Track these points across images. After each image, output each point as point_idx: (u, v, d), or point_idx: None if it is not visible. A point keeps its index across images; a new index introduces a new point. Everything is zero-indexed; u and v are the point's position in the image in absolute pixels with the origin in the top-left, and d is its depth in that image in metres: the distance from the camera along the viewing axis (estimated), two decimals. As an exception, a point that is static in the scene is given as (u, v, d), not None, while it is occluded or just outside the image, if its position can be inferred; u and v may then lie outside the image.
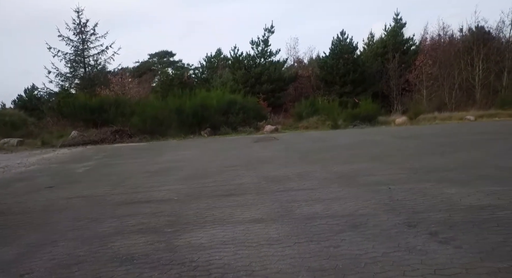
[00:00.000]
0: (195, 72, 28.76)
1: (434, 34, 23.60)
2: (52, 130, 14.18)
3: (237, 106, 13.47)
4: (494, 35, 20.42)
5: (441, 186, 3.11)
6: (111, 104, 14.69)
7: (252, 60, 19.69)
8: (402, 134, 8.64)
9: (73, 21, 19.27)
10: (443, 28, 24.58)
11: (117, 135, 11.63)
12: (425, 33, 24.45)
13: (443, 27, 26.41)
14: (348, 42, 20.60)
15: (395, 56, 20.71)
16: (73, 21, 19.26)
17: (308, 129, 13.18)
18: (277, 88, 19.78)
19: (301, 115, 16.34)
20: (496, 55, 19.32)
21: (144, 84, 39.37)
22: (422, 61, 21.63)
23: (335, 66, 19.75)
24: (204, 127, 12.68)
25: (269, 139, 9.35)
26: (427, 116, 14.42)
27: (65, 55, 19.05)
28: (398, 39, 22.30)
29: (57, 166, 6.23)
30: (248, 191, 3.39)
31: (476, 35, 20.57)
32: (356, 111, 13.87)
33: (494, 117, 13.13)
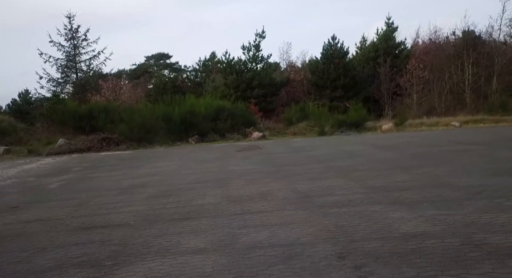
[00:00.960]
0: (189, 76, 28.80)
1: (426, 38, 23.80)
2: (41, 137, 14.20)
3: (226, 113, 13.54)
4: (484, 39, 20.59)
5: (389, 209, 3.18)
6: (100, 111, 14.74)
7: (243, 65, 19.78)
8: (383, 143, 8.73)
9: (65, 26, 19.35)
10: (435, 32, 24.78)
11: (104, 143, 11.68)
12: (417, 37, 24.64)
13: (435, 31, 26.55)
14: (339, 47, 20.73)
15: (387, 60, 20.86)
16: (64, 26, 19.34)
17: (296, 136, 13.25)
18: (269, 93, 19.87)
19: (291, 121, 16.42)
20: (486, 60, 19.48)
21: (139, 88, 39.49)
22: (413, 65, 21.80)
23: (326, 71, 19.87)
24: (192, 135, 12.74)
25: (253, 148, 9.43)
26: (414, 122, 14.52)
27: (57, 60, 19.12)
28: (390, 44, 22.45)
29: (34, 179, 6.28)
30: (205, 214, 3.45)
31: (466, 40, 20.74)
32: (343, 117, 13.95)
33: (480, 123, 13.23)
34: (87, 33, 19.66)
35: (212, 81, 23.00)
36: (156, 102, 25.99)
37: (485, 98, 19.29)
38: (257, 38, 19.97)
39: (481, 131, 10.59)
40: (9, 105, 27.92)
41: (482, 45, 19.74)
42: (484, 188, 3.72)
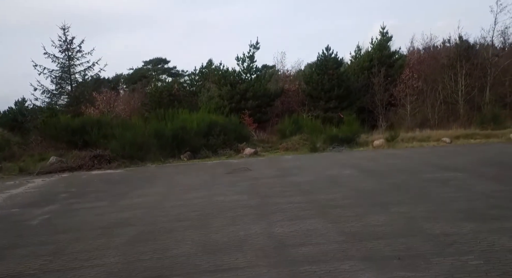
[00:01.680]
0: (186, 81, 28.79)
1: (420, 47, 23.93)
2: (34, 152, 14.22)
3: (218, 129, 13.57)
4: (477, 50, 20.69)
5: (359, 268, 3.20)
6: (93, 125, 14.77)
7: (238, 76, 19.83)
8: (369, 166, 8.76)
9: (59, 38, 19.40)
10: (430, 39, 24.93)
11: (95, 161, 11.69)
12: (411, 47, 24.77)
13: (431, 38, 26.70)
14: (333, 58, 20.81)
15: (381, 70, 20.95)
16: (59, 38, 19.38)
17: (288, 152, 13.29)
18: (263, 104, 19.92)
19: (285, 133, 16.48)
20: (479, 71, 19.58)
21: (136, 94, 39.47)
22: (407, 75, 21.90)
23: (320, 81, 19.94)
24: (184, 151, 12.77)
25: (243, 169, 9.46)
26: (406, 136, 14.58)
27: (51, 72, 19.15)
28: (384, 53, 22.56)
29: (18, 211, 6.29)
30: (177, 271, 3.47)
31: (459, 51, 20.85)
32: (335, 132, 13.99)
33: (471, 139, 13.30)
34: (82, 44, 19.76)
35: (208, 90, 23.05)
36: (152, 110, 26.13)
37: (478, 109, 19.38)
38: (251, 49, 20.05)
39: (469, 150, 10.64)
40: (5, 113, 27.88)
41: (476, 55, 19.86)
42: (455, 238, 3.75)
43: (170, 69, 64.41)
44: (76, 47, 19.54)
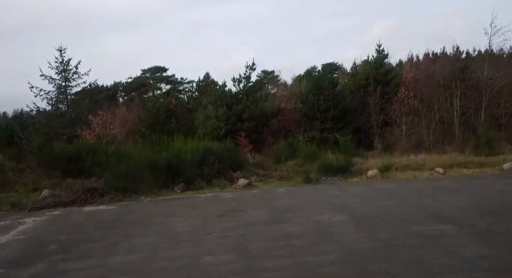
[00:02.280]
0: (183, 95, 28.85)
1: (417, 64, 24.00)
2: (27, 181, 14.22)
3: (213, 157, 13.57)
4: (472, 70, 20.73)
5: None
6: (88, 152, 14.77)
7: (234, 97, 19.84)
8: (359, 210, 8.74)
9: (56, 59, 19.47)
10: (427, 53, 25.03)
11: (88, 194, 11.68)
12: (407, 65, 24.86)
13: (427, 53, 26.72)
14: (329, 78, 20.88)
15: (377, 89, 21.01)
16: (55, 59, 19.45)
17: (282, 182, 13.27)
18: (259, 125, 19.95)
19: (280, 158, 16.51)
20: (474, 91, 19.62)
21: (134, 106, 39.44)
22: (403, 93, 21.96)
23: (316, 102, 19.99)
24: (178, 182, 12.76)
25: (236, 210, 9.45)
26: (400, 163, 14.57)
27: (47, 93, 19.19)
28: (380, 71, 22.65)
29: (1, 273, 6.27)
30: None
31: (455, 71, 20.92)
32: (329, 162, 13.99)
33: (464, 168, 13.30)
34: (78, 65, 19.83)
35: (204, 108, 23.10)
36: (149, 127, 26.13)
37: (474, 130, 19.40)
38: (247, 70, 20.14)
39: (462, 186, 10.61)
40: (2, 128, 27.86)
41: (471, 76, 19.91)
42: None
43: (169, 78, 64.60)
44: (73, 68, 19.63)
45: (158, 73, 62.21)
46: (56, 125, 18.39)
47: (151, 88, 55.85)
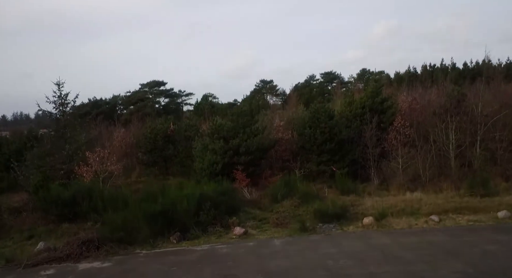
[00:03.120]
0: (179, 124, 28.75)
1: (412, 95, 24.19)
2: (23, 227, 14.20)
3: (209, 204, 13.57)
4: (467, 103, 20.88)
5: None
6: (83, 196, 14.79)
7: (231, 130, 19.87)
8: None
9: (54, 93, 19.55)
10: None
11: (84, 247, 11.66)
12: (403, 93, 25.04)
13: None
14: (326, 110, 20.98)
15: (373, 120, 21.13)
16: (53, 93, 19.53)
17: (278, 230, 13.27)
18: (256, 158, 19.99)
19: (277, 197, 16.54)
20: (469, 124, 19.74)
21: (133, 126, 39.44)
22: (399, 122, 22.08)
23: (313, 135, 20.06)
24: (174, 232, 12.76)
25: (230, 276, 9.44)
26: (395, 205, 14.61)
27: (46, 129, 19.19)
28: (377, 100, 22.80)
29: None
30: None
31: (450, 102, 21.07)
32: (325, 206, 14.02)
33: (459, 215, 13.35)
34: (76, 99, 19.92)
35: (201, 136, 23.10)
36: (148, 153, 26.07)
37: (469, 164, 19.49)
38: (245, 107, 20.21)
39: (457, 246, 10.59)
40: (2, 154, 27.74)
41: (465, 110, 20.04)
42: None
43: (167, 91, 64.81)
44: (71, 102, 19.72)
45: (157, 87, 62.46)
46: (53, 160, 18.39)
47: (149, 103, 55.96)
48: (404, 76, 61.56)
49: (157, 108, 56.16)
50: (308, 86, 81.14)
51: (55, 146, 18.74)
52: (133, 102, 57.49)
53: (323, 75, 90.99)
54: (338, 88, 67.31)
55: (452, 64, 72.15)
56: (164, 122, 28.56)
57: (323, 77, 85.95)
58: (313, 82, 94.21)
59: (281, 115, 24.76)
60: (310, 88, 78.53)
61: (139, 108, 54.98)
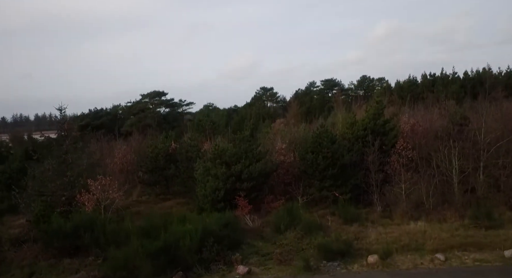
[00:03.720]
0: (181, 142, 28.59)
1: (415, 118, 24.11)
2: (24, 263, 14.07)
3: (212, 240, 13.44)
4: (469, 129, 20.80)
5: None
6: (85, 229, 14.67)
7: (234, 156, 19.79)
8: None
9: (55, 117, 19.51)
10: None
11: (86, 289, 11.55)
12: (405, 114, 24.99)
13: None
14: (328, 134, 20.90)
15: (375, 142, 21.05)
16: (55, 118, 19.48)
17: (281, 267, 13.14)
18: (258, 183, 19.89)
19: (279, 227, 16.40)
20: (473, 150, 19.65)
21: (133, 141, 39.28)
22: (402, 144, 21.99)
23: (315, 161, 19.97)
24: (176, 271, 12.62)
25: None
26: (400, 239, 14.49)
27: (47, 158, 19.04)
28: (379, 122, 22.74)
29: None
30: None
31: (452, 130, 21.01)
32: (328, 242, 13.89)
33: (465, 252, 13.21)
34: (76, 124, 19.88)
35: (202, 156, 22.99)
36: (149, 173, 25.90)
37: (473, 191, 19.37)
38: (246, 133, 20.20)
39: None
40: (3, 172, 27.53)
41: (467, 136, 19.98)
42: None
43: (168, 101, 64.83)
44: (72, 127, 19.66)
45: (157, 97, 62.48)
46: (54, 187, 18.28)
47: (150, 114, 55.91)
48: (405, 85, 61.56)
49: (158, 118, 56.08)
50: (308, 94, 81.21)
51: (56, 172, 18.62)
52: (134, 113, 57.48)
53: (323, 82, 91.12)
54: (339, 96, 67.41)
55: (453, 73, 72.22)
56: (165, 140, 28.51)
57: (323, 84, 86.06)
58: (314, 88, 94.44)
59: (283, 136, 24.60)
60: (311, 96, 78.59)
61: (140, 119, 54.96)
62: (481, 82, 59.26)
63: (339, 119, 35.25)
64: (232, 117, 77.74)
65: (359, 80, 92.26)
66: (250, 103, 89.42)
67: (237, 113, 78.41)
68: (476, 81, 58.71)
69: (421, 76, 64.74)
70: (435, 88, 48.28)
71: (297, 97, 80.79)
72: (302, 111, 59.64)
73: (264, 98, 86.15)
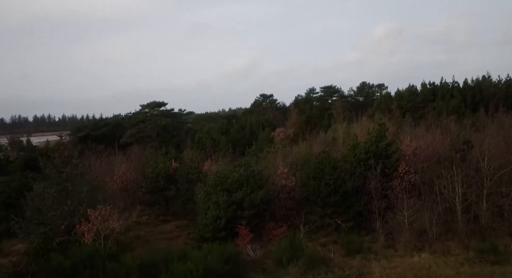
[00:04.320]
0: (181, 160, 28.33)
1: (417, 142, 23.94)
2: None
3: (213, 279, 13.25)
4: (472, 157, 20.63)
5: None
6: (85, 265, 14.46)
7: (236, 183, 19.58)
8: None
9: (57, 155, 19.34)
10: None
11: None
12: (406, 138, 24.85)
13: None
14: (330, 161, 20.73)
15: (377, 166, 20.90)
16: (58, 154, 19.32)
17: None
18: (260, 211, 19.70)
19: (281, 261, 16.19)
20: (476, 178, 19.47)
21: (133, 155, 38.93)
22: (404, 168, 21.82)
23: (317, 188, 19.80)
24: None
25: None
26: (405, 276, 14.31)
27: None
28: (381, 146, 22.60)
29: None
30: None
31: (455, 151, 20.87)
32: None
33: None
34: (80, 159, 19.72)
35: (203, 182, 22.72)
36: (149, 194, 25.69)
37: (476, 218, 19.20)
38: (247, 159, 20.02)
39: None
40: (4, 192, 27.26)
41: (470, 162, 19.84)
42: None
43: (168, 112, 64.61)
44: (75, 161, 19.51)
45: (157, 108, 62.26)
46: (54, 216, 18.04)
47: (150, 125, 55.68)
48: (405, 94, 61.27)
49: (158, 129, 55.81)
50: (308, 102, 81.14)
51: (56, 200, 18.39)
52: (133, 124, 57.25)
53: (323, 89, 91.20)
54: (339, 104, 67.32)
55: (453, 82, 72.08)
56: (165, 159, 28.29)
57: (323, 91, 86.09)
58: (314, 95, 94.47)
59: (284, 157, 24.39)
60: (310, 104, 78.49)
61: (140, 130, 54.73)
62: (481, 91, 59.27)
63: (340, 135, 35.11)
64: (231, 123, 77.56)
65: (358, 87, 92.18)
66: (250, 110, 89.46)
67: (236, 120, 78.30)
68: (476, 91, 58.69)
69: (421, 85, 64.58)
70: (435, 103, 48.07)
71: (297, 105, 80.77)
72: (302, 120, 59.44)
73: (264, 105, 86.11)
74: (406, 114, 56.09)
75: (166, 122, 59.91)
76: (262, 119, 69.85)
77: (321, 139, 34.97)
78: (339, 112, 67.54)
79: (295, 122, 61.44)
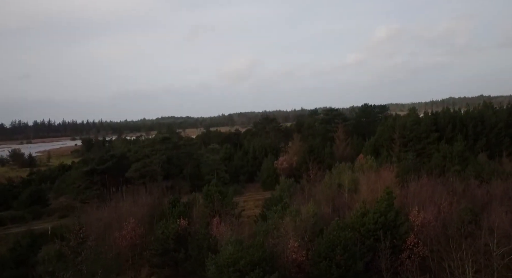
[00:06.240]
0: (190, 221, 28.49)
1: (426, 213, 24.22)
2: None
3: None
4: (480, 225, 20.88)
5: None
6: None
7: (248, 265, 19.77)
8: None
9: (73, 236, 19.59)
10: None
11: None
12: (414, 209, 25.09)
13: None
14: (341, 242, 20.95)
15: (386, 240, 21.14)
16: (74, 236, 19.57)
17: None
18: None
19: None
20: (485, 260, 19.67)
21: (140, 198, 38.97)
22: (412, 241, 22.08)
23: (328, 270, 19.99)
24: None
25: None
26: None
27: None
28: (389, 217, 22.90)
29: None
30: None
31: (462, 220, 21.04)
32: None
33: None
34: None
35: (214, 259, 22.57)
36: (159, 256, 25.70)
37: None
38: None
39: None
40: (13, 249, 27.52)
41: (478, 243, 20.06)
42: None
43: (173, 143, 64.72)
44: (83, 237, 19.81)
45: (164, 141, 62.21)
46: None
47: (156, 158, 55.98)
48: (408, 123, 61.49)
49: (162, 163, 55.83)
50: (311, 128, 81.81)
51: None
52: (139, 158, 57.49)
53: (325, 112, 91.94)
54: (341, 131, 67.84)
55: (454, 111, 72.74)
56: (174, 214, 28.56)
57: (325, 114, 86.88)
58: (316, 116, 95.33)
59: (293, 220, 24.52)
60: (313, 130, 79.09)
61: (145, 165, 54.95)
62: (482, 121, 59.93)
63: (345, 182, 35.35)
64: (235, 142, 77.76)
65: (360, 108, 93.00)
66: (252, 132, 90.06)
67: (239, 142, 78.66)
68: (477, 121, 59.34)
69: (423, 113, 64.90)
70: (440, 145, 48.59)
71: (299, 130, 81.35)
72: (305, 149, 59.77)
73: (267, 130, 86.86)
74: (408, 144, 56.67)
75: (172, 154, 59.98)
76: (266, 144, 70.24)
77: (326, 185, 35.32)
78: (341, 139, 68.20)
79: (298, 151, 61.84)
